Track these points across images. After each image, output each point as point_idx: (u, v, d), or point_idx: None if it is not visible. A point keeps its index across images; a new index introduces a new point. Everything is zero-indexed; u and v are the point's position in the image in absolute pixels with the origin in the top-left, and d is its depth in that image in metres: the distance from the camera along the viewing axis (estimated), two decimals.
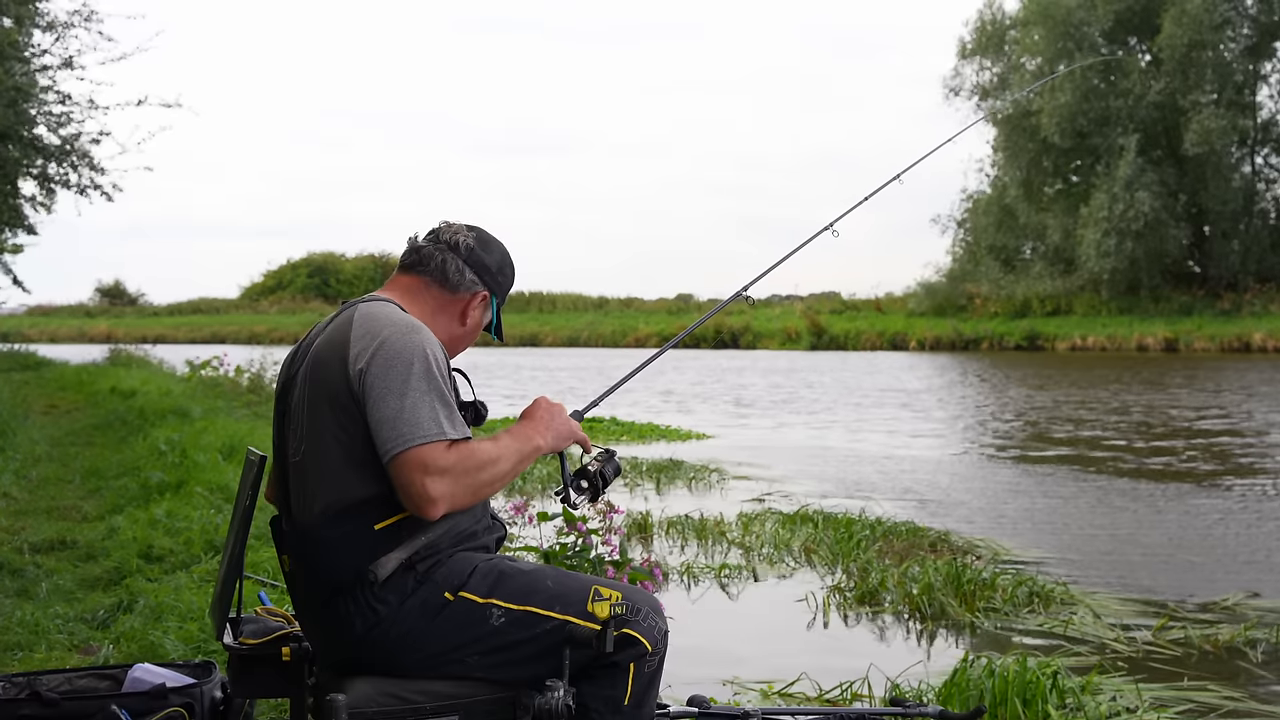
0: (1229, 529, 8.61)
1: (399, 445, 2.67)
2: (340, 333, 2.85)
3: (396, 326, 2.81)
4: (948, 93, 54.92)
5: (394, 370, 2.72)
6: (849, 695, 4.75)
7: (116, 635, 5.08)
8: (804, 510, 8.84)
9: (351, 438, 2.76)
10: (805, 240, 3.73)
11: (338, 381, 2.78)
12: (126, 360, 27.04)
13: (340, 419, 2.77)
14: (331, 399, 2.79)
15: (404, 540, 2.76)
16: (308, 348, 2.94)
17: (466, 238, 3.05)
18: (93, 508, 8.40)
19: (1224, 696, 4.86)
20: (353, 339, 2.80)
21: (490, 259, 3.08)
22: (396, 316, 2.86)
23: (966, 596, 6.25)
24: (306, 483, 2.84)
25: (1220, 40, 47.49)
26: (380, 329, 2.80)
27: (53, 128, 21.21)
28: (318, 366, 2.85)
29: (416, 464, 2.66)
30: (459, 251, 3.03)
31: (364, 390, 2.73)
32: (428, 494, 2.66)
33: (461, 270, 3.02)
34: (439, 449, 2.68)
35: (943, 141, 4.67)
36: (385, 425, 2.69)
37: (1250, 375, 27.56)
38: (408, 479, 2.66)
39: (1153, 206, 45.60)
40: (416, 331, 2.81)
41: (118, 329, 62.53)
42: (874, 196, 4.40)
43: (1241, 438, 14.71)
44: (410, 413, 2.69)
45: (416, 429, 2.67)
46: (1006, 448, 14.14)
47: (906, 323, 50.29)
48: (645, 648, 2.86)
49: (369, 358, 2.75)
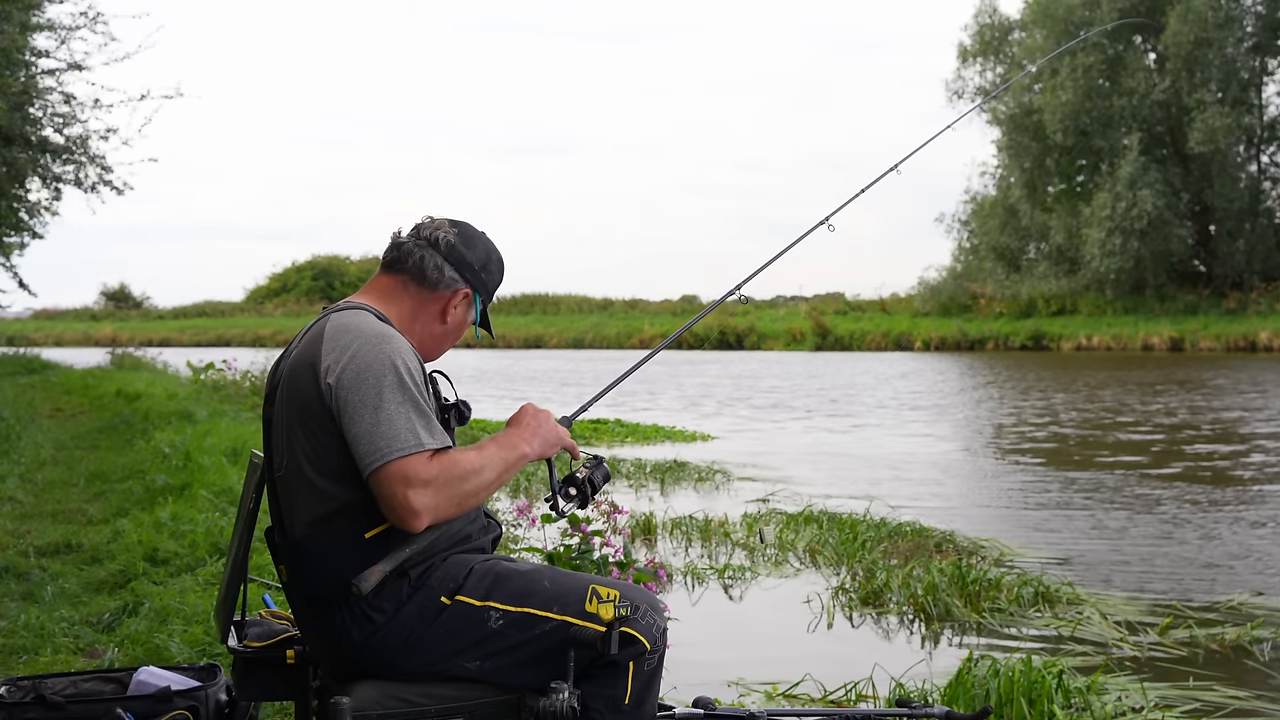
0: (1235, 529, 8.60)
1: (378, 459, 2.63)
2: (312, 347, 2.81)
3: (366, 338, 2.76)
4: (950, 96, 54.92)
5: (366, 384, 2.68)
6: (854, 696, 4.75)
7: (121, 638, 5.08)
8: (808, 511, 8.84)
9: (330, 451, 2.73)
10: (802, 235, 3.68)
11: (311, 397, 2.75)
12: (132, 364, 27.07)
13: (317, 434, 2.74)
14: (306, 415, 2.76)
15: (391, 550, 2.72)
16: (287, 358, 2.91)
17: (448, 234, 2.99)
18: (98, 511, 8.42)
19: (1229, 696, 4.85)
20: (323, 353, 2.76)
21: (472, 255, 3.01)
22: (367, 327, 2.81)
23: (971, 597, 6.25)
24: (291, 497, 2.83)
25: (1225, 38, 47.39)
26: (349, 342, 2.75)
27: (58, 128, 21.28)
28: (292, 382, 2.83)
29: (398, 477, 2.62)
30: (439, 248, 2.97)
31: (337, 405, 2.70)
32: (411, 506, 2.62)
33: (440, 268, 2.96)
34: (420, 460, 2.64)
35: (941, 129, 4.67)
36: (362, 441, 2.65)
37: (1259, 374, 27.51)
38: (389, 492, 2.63)
39: (1156, 205, 45.53)
40: (387, 341, 2.77)
41: (122, 332, 62.63)
42: (874, 191, 4.38)
43: (1249, 439, 14.69)
44: (387, 425, 2.65)
45: (394, 441, 2.64)
46: (1011, 448, 14.12)
47: (911, 323, 50.25)
48: (644, 646, 2.83)
49: (339, 372, 2.71)
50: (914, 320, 50.84)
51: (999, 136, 52.69)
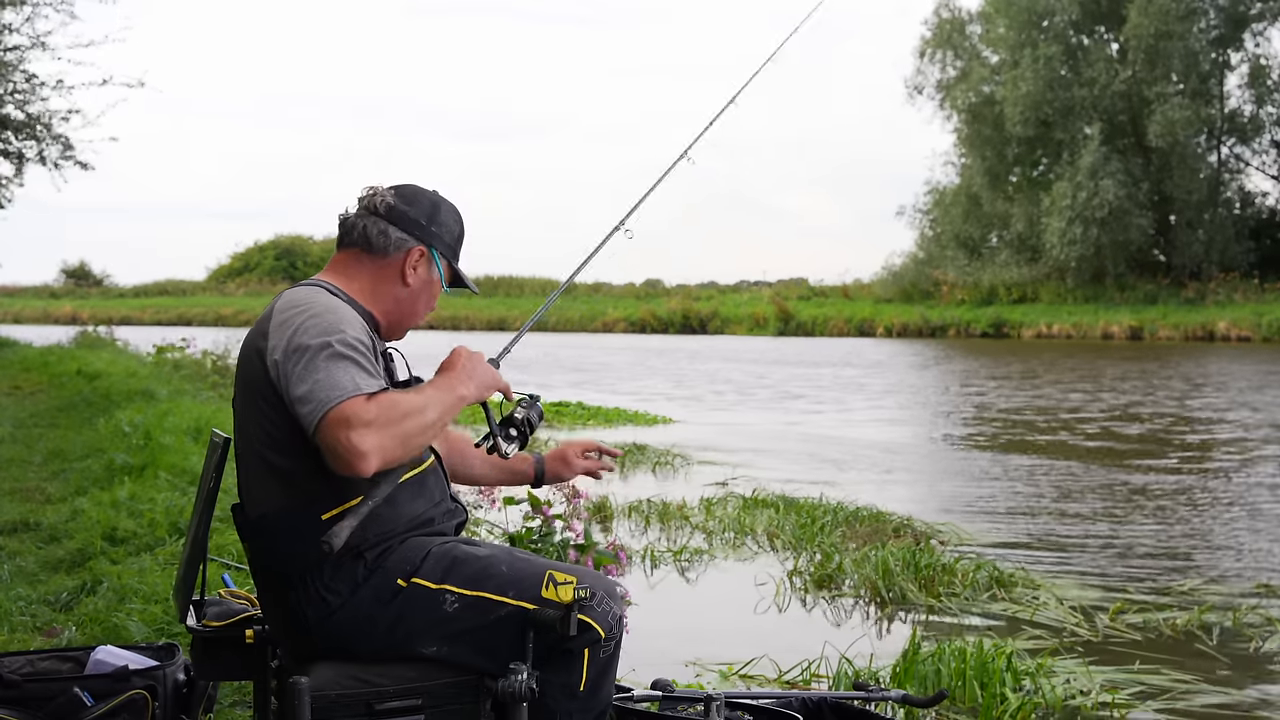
0: (1191, 515, 8.72)
1: (319, 411, 2.58)
2: (260, 326, 2.81)
3: (310, 311, 2.74)
4: (911, 91, 54.96)
5: (307, 352, 2.65)
6: (808, 675, 4.81)
7: (79, 617, 5.07)
8: (765, 495, 8.89)
9: (279, 428, 2.72)
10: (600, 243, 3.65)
11: (259, 373, 2.75)
12: (92, 342, 26.83)
13: (267, 411, 2.74)
14: (255, 391, 2.76)
15: (353, 508, 2.68)
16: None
17: (385, 197, 2.96)
18: (56, 490, 8.36)
19: (1176, 679, 4.94)
20: (271, 329, 2.75)
21: (416, 211, 2.97)
22: (314, 300, 2.79)
23: (927, 581, 6.32)
24: (249, 475, 2.84)
25: (1187, 30, 47.71)
26: (293, 316, 2.74)
27: (19, 105, 21.09)
28: (244, 359, 2.83)
29: (339, 421, 2.56)
30: (379, 213, 2.94)
31: (282, 378, 2.68)
32: (356, 448, 2.54)
33: (385, 232, 2.93)
34: (358, 402, 2.58)
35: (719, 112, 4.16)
36: (304, 402, 2.61)
37: (1214, 363, 27.81)
38: (333, 438, 2.56)
39: (1117, 195, 45.87)
40: (332, 312, 2.75)
41: (83, 310, 61.97)
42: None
43: (1208, 425, 14.86)
44: (325, 379, 2.61)
45: (332, 391, 2.59)
46: (971, 434, 14.24)
47: (874, 309, 50.45)
48: (599, 634, 2.82)
49: (284, 346, 2.69)
50: (876, 306, 51.03)
51: (958, 126, 52.88)
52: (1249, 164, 51.63)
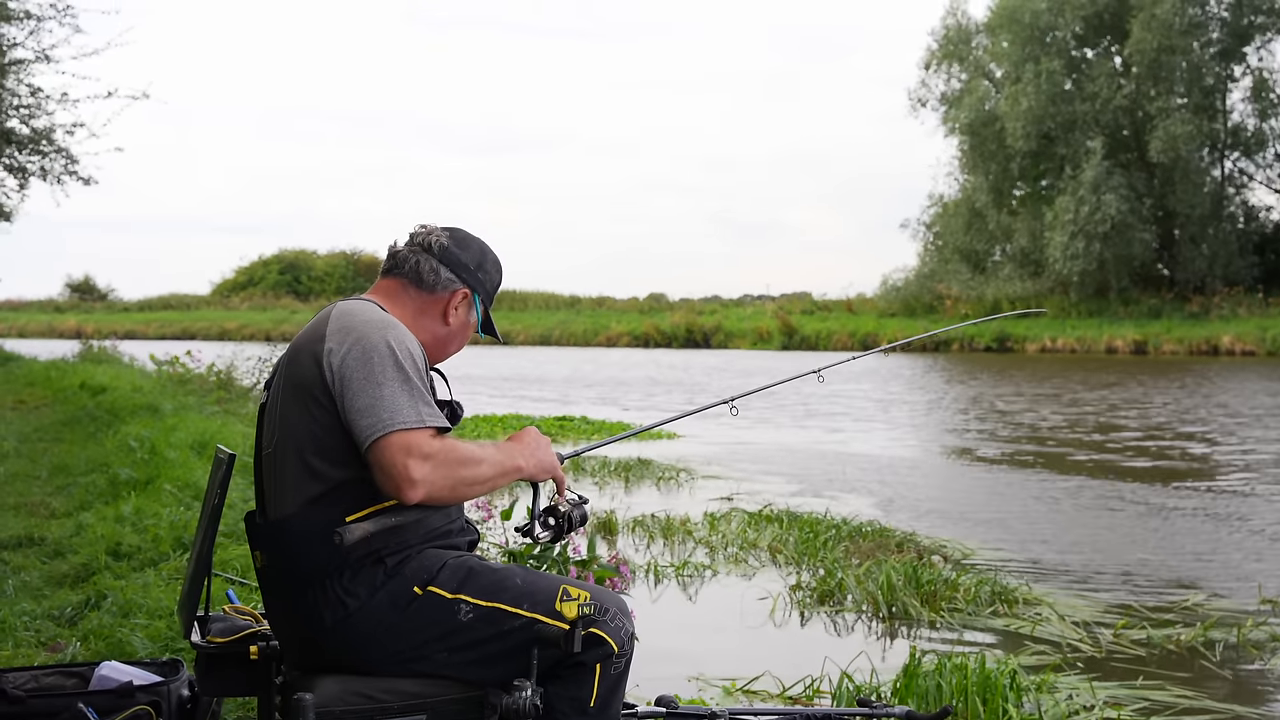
0: (1195, 531, 8.71)
1: (380, 429, 2.69)
2: (317, 328, 2.90)
3: (371, 322, 2.85)
4: (914, 103, 55.09)
5: (370, 363, 2.76)
6: (811, 691, 4.81)
7: (84, 633, 5.07)
8: (769, 510, 8.90)
9: (324, 429, 2.79)
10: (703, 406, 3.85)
11: (311, 374, 2.82)
12: (97, 356, 26.83)
13: (313, 411, 2.80)
14: (304, 391, 2.82)
15: (377, 516, 2.78)
16: (293, 345, 2.98)
17: (440, 238, 3.09)
18: (61, 504, 8.37)
19: (1179, 695, 4.94)
20: (328, 334, 2.84)
21: (466, 256, 3.10)
22: (373, 313, 2.91)
23: (929, 596, 6.32)
24: (278, 474, 2.87)
25: (1190, 44, 47.76)
26: (355, 324, 2.85)
27: (24, 120, 21.15)
28: (294, 360, 2.90)
29: (400, 447, 2.68)
30: (433, 251, 3.07)
31: (339, 383, 2.76)
32: (410, 476, 2.67)
33: (436, 270, 3.05)
34: (424, 435, 2.71)
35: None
36: (364, 414, 2.72)
37: (1219, 378, 27.78)
38: (390, 461, 2.68)
39: (1120, 210, 45.88)
40: (393, 327, 2.86)
41: (87, 324, 61.94)
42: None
43: (1211, 441, 14.85)
44: (389, 400, 2.72)
45: (398, 414, 2.71)
46: (975, 449, 14.23)
47: (877, 323, 50.41)
48: (612, 648, 2.86)
49: (344, 352, 2.79)
50: (880, 320, 51.00)
51: (960, 141, 52.94)
52: (1253, 178, 51.69)
